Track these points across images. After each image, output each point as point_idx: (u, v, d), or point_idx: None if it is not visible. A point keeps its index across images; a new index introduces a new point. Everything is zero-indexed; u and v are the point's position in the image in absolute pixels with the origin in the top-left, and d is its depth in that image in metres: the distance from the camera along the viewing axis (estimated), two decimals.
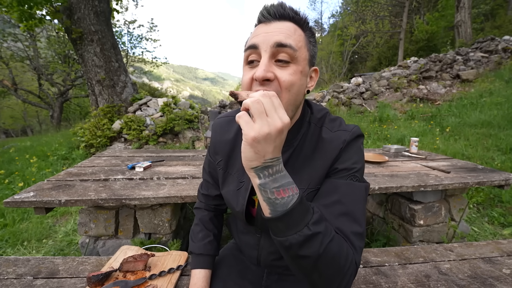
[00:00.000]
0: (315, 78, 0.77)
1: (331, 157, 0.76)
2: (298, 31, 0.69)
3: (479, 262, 1.25)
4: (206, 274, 0.96)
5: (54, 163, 5.17)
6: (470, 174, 2.00)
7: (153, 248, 1.72)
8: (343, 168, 0.74)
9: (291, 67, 0.67)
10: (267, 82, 0.65)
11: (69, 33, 5.75)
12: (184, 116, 6.02)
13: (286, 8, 0.69)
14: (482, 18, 17.34)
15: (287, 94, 0.67)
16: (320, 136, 0.80)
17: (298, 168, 0.79)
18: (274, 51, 0.66)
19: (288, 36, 0.66)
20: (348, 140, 0.76)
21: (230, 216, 1.15)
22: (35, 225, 2.84)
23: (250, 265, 1.03)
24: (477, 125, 5.55)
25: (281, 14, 0.68)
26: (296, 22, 0.70)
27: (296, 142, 0.80)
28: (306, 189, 0.77)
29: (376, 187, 1.72)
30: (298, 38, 0.68)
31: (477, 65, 8.89)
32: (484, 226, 2.80)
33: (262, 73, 0.64)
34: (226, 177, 0.91)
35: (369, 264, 1.22)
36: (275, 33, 0.66)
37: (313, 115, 0.84)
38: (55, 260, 1.18)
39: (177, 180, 1.84)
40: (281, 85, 0.66)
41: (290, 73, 0.66)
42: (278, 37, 0.65)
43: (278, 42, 0.65)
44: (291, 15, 0.69)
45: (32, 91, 15.27)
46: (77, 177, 1.84)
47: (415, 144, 2.72)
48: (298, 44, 0.67)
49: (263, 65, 0.64)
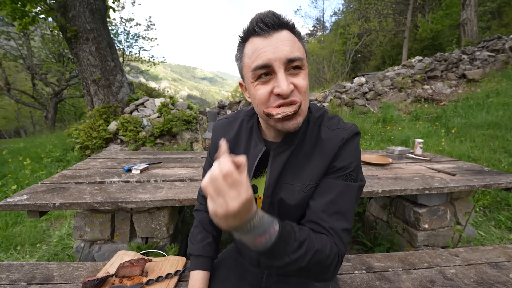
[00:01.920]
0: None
1: (331, 154, 0.81)
2: (294, 38, 0.74)
3: (486, 267, 1.25)
4: (204, 276, 0.98)
5: (48, 165, 5.17)
6: (476, 177, 2.00)
7: (150, 253, 1.72)
8: (340, 167, 0.81)
9: (302, 72, 0.73)
10: (291, 93, 0.72)
11: (64, 32, 5.76)
12: (182, 117, 6.02)
13: (280, 16, 0.72)
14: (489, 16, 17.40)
15: (305, 98, 0.74)
16: (320, 134, 0.85)
17: (298, 165, 0.85)
18: (286, 64, 0.71)
19: (293, 48, 0.71)
20: (346, 138, 0.82)
21: None
22: (29, 229, 2.84)
23: (249, 267, 1.06)
24: (484, 126, 5.55)
25: (278, 24, 0.71)
26: (289, 28, 0.74)
27: (296, 140, 0.85)
28: (307, 185, 0.83)
29: (379, 190, 1.72)
30: (298, 45, 0.74)
31: (483, 64, 8.90)
32: (491, 230, 2.80)
33: (287, 87, 0.69)
34: None
35: (372, 270, 1.23)
36: (281, 47, 0.70)
37: (311, 114, 0.89)
38: (50, 266, 1.18)
39: (175, 183, 1.84)
40: (300, 91, 0.73)
41: (303, 78, 0.73)
42: (287, 52, 0.70)
43: (289, 58, 0.70)
44: (284, 22, 0.72)
45: (26, 91, 15.25)
46: (72, 180, 1.84)
47: (420, 145, 2.73)
48: (301, 52, 0.73)
49: (284, 80, 0.70)
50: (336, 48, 21.81)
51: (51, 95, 14.37)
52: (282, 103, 0.72)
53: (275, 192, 0.86)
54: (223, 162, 0.55)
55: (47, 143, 6.72)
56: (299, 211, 0.86)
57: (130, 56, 16.62)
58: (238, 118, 0.99)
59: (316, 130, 0.86)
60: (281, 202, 0.85)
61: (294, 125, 0.75)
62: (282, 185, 0.86)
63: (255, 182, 0.92)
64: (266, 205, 0.88)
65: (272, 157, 0.86)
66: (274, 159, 0.86)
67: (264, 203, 0.88)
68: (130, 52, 16.33)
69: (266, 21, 0.70)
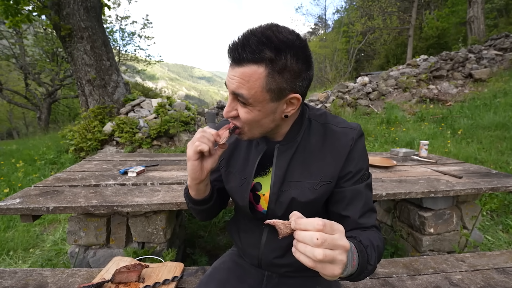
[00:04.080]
0: (297, 103, 0.81)
1: (342, 154, 0.87)
2: (254, 76, 0.72)
3: (493, 273, 1.26)
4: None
5: (41, 167, 5.17)
6: (484, 179, 2.00)
7: (147, 259, 1.72)
8: (356, 171, 0.88)
9: (247, 107, 0.78)
10: (233, 118, 0.83)
11: (58, 30, 5.77)
12: (180, 117, 6.03)
13: (241, 52, 0.71)
14: (496, 13, 17.41)
15: (247, 126, 0.83)
16: (327, 131, 0.90)
17: (306, 161, 0.90)
18: (234, 96, 0.79)
19: (240, 86, 0.75)
20: (356, 138, 0.88)
21: (230, 220, 1.20)
22: (22, 234, 2.84)
23: (250, 269, 1.08)
24: (491, 127, 5.56)
25: (237, 59, 0.73)
26: (255, 62, 0.72)
27: (299, 137, 0.91)
28: (318, 182, 0.88)
29: (383, 193, 1.73)
30: (251, 85, 0.73)
31: (490, 63, 8.92)
32: (498, 234, 2.81)
33: (225, 114, 0.82)
34: (227, 175, 1.02)
35: (376, 275, 1.23)
36: (231, 81, 0.76)
37: (311, 112, 0.95)
38: (44, 272, 1.19)
39: (172, 186, 1.85)
40: (240, 121, 0.82)
41: (246, 112, 0.79)
42: (233, 86, 0.76)
43: (233, 91, 0.77)
44: (247, 58, 0.71)
45: (18, 92, 15.27)
46: (66, 183, 1.84)
47: (425, 147, 2.73)
48: (251, 92, 0.74)
49: (227, 106, 0.81)
50: (339, 46, 21.84)
51: (44, 95, 14.38)
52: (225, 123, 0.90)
53: (283, 190, 0.90)
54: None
55: (40, 145, 6.73)
56: (311, 210, 0.90)
57: (126, 55, 16.64)
58: None
59: (320, 127, 0.91)
60: (292, 200, 0.89)
61: (237, 135, 0.87)
62: (290, 183, 0.90)
63: (259, 181, 0.97)
64: (273, 202, 0.92)
65: (276, 155, 0.91)
66: (278, 157, 0.91)
67: (271, 201, 0.92)
68: (126, 51, 16.36)
69: (230, 53, 0.75)
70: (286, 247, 0.97)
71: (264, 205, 0.96)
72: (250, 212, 0.97)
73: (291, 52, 0.72)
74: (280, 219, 0.64)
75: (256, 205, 0.99)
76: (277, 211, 0.92)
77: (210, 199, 0.98)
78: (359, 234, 0.79)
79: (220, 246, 2.58)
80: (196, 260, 2.23)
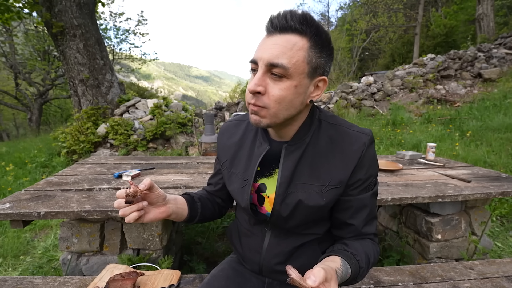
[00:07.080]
0: (323, 88, 0.85)
1: (353, 159, 0.88)
2: (298, 45, 0.76)
3: (503, 281, 1.26)
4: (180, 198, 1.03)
5: (32, 171, 5.17)
6: (493, 184, 2.01)
7: (142, 266, 1.72)
8: (366, 179, 0.90)
9: (283, 82, 0.77)
10: (257, 94, 0.78)
11: (49, 27, 5.79)
12: (177, 119, 6.04)
13: (290, 20, 0.75)
14: (506, 10, 17.45)
15: (276, 106, 0.78)
16: (338, 132, 0.91)
17: (314, 163, 0.90)
18: (269, 67, 0.76)
19: (281, 54, 0.74)
20: (368, 144, 0.88)
21: (230, 225, 1.21)
22: (12, 240, 2.84)
23: (250, 277, 1.08)
24: (501, 129, 5.56)
25: (283, 27, 0.75)
26: (300, 32, 0.76)
27: (308, 138, 0.91)
28: (326, 186, 0.89)
29: (388, 198, 1.73)
30: (294, 54, 0.75)
31: (500, 63, 8.93)
32: (509, 241, 2.81)
33: (253, 87, 0.77)
34: (230, 176, 1.03)
35: (381, 284, 1.23)
36: (270, 50, 0.75)
37: (322, 113, 0.95)
38: (35, 280, 1.19)
39: (169, 190, 1.85)
40: (270, 99, 0.78)
41: (281, 88, 0.77)
42: (271, 55, 0.75)
43: (269, 62, 0.75)
44: (294, 26, 0.75)
45: (8, 92, 15.28)
46: (58, 187, 1.85)
47: (432, 150, 2.74)
48: (292, 61, 0.75)
49: (256, 79, 0.77)
50: (342, 45, 21.90)
51: (35, 95, 14.40)
52: (249, 101, 0.81)
53: (289, 192, 0.91)
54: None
55: (31, 148, 6.74)
56: (317, 214, 0.92)
57: (120, 54, 16.68)
58: (244, 120, 1.07)
59: (331, 127, 0.92)
60: (299, 203, 0.89)
61: (253, 120, 0.83)
62: (298, 185, 0.90)
63: (264, 182, 0.97)
64: (278, 204, 0.92)
65: (283, 155, 0.91)
66: (286, 157, 0.91)
67: (276, 202, 0.92)
68: (120, 49, 16.39)
69: (274, 21, 0.76)
70: (289, 252, 0.98)
71: (268, 207, 0.97)
72: (252, 214, 0.98)
73: (327, 36, 0.79)
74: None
75: (260, 207, 1.00)
76: (282, 213, 0.92)
77: (193, 219, 1.04)
78: (359, 253, 0.86)
79: (219, 253, 2.58)
80: (194, 268, 2.23)
